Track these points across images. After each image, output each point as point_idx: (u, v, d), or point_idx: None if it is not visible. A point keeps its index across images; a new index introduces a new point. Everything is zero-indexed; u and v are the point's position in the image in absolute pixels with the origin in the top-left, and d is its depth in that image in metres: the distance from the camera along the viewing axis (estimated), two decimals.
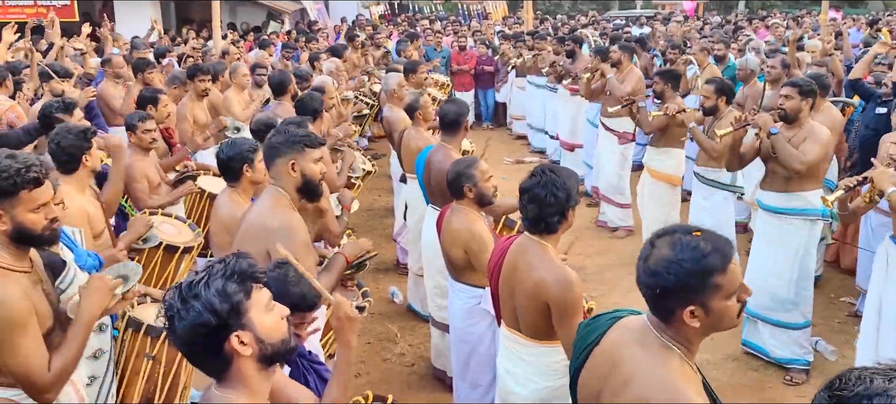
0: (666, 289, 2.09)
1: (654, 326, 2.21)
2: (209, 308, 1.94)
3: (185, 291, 1.97)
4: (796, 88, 5.18)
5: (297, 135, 3.48)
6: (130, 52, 10.59)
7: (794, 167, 5.11)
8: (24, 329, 2.71)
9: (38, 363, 2.74)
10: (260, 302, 2.03)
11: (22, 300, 2.72)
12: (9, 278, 2.74)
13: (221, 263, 2.03)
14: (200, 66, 7.58)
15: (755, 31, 15.80)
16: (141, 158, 5.42)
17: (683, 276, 2.07)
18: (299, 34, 15.90)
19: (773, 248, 5.43)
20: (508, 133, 14.27)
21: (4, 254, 2.78)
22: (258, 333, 2.00)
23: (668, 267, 2.08)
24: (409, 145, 6.16)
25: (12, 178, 2.72)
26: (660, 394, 2.08)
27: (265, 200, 3.50)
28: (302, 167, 3.45)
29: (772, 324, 5.47)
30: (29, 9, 17.03)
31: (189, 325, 1.94)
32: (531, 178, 3.38)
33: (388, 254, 7.91)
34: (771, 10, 27.77)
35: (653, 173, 7.26)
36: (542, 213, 3.32)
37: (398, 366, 5.79)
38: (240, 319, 1.97)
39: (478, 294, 4.37)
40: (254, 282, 2.03)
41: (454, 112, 5.18)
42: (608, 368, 2.28)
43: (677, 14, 21.99)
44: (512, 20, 21.53)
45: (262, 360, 2.03)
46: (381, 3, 24.06)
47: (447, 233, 4.40)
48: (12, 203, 2.74)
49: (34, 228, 2.79)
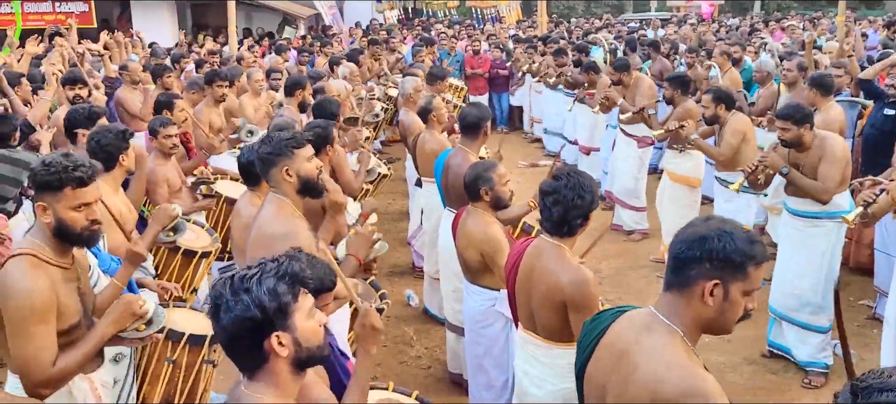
0: (709, 253, 2.15)
1: (661, 311, 2.26)
2: (257, 304, 1.99)
3: (237, 284, 2.02)
4: (790, 120, 5.14)
5: (283, 139, 3.50)
6: (150, 59, 10.69)
7: (821, 199, 5.09)
8: (42, 320, 2.81)
9: (45, 356, 2.83)
10: (304, 306, 2.08)
11: (47, 292, 2.82)
12: (40, 269, 2.84)
13: (275, 262, 2.08)
14: (218, 72, 7.63)
15: (771, 34, 15.74)
16: (162, 163, 5.49)
17: (730, 247, 2.14)
18: (314, 39, 15.98)
19: (797, 251, 5.41)
20: (523, 136, 14.27)
21: (46, 247, 2.90)
22: (298, 336, 2.05)
23: (721, 234, 2.15)
24: (424, 148, 6.18)
25: (58, 174, 2.84)
26: (670, 375, 2.13)
27: (268, 208, 3.53)
28: (296, 169, 3.47)
29: (797, 326, 5.44)
30: (48, 16, 17.21)
31: (235, 317, 1.99)
32: (557, 180, 3.39)
33: (404, 258, 7.93)
34: (787, 12, 27.65)
35: (672, 176, 7.24)
36: (568, 216, 3.35)
37: (414, 369, 5.80)
38: (284, 320, 2.03)
39: (492, 296, 4.39)
40: (302, 286, 2.09)
41: (475, 116, 5.20)
42: (615, 359, 2.31)
43: (692, 16, 21.93)
44: (526, 24, 21.53)
45: (295, 363, 2.08)
46: (395, 7, 24.12)
47: (462, 235, 4.42)
48: (57, 197, 2.86)
49: (74, 226, 2.89)
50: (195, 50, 14.18)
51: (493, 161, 4.56)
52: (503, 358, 4.45)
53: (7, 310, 2.82)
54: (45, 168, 2.86)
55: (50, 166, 2.85)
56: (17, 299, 2.78)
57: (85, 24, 16.89)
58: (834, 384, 5.33)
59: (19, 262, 2.84)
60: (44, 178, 2.85)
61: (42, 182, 2.86)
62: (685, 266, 2.19)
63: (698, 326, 2.25)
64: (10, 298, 2.80)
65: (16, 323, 2.80)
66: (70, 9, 17.77)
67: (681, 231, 2.26)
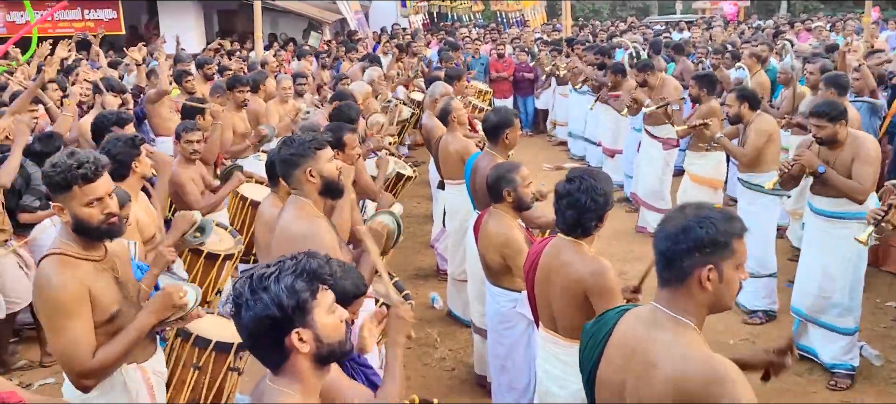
0: (697, 241, 2.21)
1: (664, 304, 2.31)
2: (276, 302, 2.01)
3: (256, 283, 2.05)
4: (824, 117, 5.12)
5: (305, 141, 3.58)
6: (174, 65, 10.83)
7: (858, 199, 5.05)
8: (71, 314, 2.90)
9: (83, 349, 2.92)
10: (324, 302, 2.10)
11: (75, 288, 2.91)
12: (68, 265, 2.94)
13: (293, 260, 2.10)
14: (239, 78, 7.77)
15: (797, 35, 15.58)
16: (186, 167, 5.59)
17: (713, 230, 2.21)
18: (340, 44, 16.09)
19: (823, 253, 5.37)
20: (548, 139, 14.26)
21: (73, 244, 2.99)
22: (318, 332, 2.08)
23: (701, 221, 2.23)
24: (447, 150, 6.22)
25: (64, 173, 2.93)
26: (690, 366, 2.17)
27: (289, 210, 3.59)
28: (318, 170, 3.54)
29: (823, 328, 5.40)
30: (78, 23, 17.48)
31: (255, 316, 2.02)
32: (570, 183, 3.42)
33: (428, 261, 7.97)
34: (813, 13, 27.35)
35: (693, 177, 7.22)
36: (582, 218, 3.38)
37: (438, 371, 5.83)
38: (303, 317, 2.05)
39: (514, 297, 4.41)
40: (321, 283, 2.10)
41: (493, 121, 5.24)
42: (627, 357, 2.35)
43: (717, 18, 21.76)
44: (549, 27, 21.49)
45: (317, 359, 2.11)
46: (420, 11, 24.19)
47: (484, 236, 4.45)
48: (68, 196, 2.96)
49: (90, 221, 2.98)
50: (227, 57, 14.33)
51: (516, 162, 4.57)
52: (526, 359, 4.46)
53: (40, 308, 2.97)
54: (52, 169, 2.95)
55: (56, 167, 2.95)
56: (46, 296, 2.91)
57: (113, 31, 17.18)
58: (860, 386, 5.29)
59: (49, 262, 2.96)
60: (53, 180, 2.95)
61: (52, 183, 2.97)
62: (677, 260, 2.25)
63: (703, 312, 2.30)
64: (40, 297, 2.95)
65: (48, 319, 2.94)
66: (99, 16, 18.05)
67: (660, 227, 2.32)
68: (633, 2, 37.63)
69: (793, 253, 7.51)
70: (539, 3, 26.10)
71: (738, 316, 6.39)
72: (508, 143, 5.24)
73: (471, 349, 5.87)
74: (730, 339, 6.02)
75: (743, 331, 6.15)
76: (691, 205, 2.33)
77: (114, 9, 18.33)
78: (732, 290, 2.28)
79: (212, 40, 19.12)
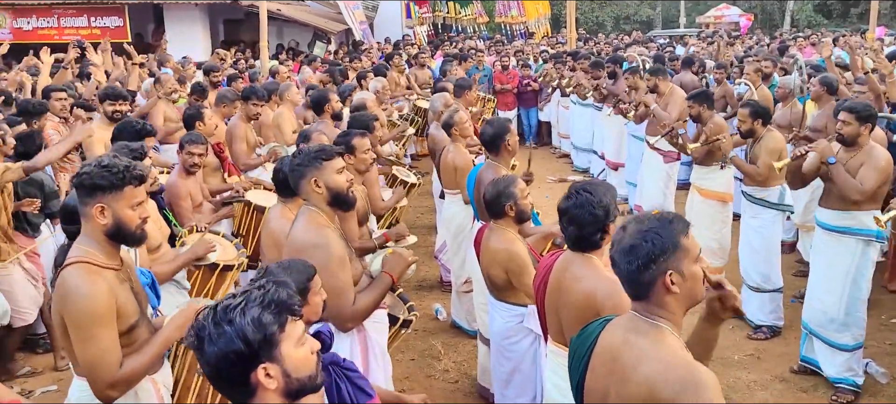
0: (647, 255, 2.29)
1: (641, 312, 2.37)
2: (241, 336, 1.89)
3: (220, 315, 1.92)
4: (854, 114, 5.13)
5: (312, 151, 3.57)
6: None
7: (852, 197, 5.06)
8: (104, 323, 2.86)
9: (111, 359, 2.88)
10: (293, 335, 1.97)
11: (107, 295, 2.87)
12: (98, 274, 2.89)
13: (260, 289, 1.98)
14: (255, 90, 7.62)
15: (801, 50, 15.60)
16: (185, 178, 5.56)
17: (657, 240, 2.29)
18: (345, 54, 16.14)
19: (826, 266, 5.37)
20: (551, 152, 14.27)
21: (97, 252, 2.94)
22: (286, 367, 1.94)
23: (644, 235, 2.31)
24: (447, 160, 6.24)
25: (122, 173, 2.91)
26: (666, 373, 2.21)
27: (301, 220, 3.58)
28: (325, 181, 3.53)
29: (824, 342, 5.39)
30: (84, 30, 17.58)
31: (218, 351, 1.90)
32: (567, 199, 3.40)
33: (432, 272, 7.96)
34: (817, 29, 27.38)
35: (702, 192, 7.18)
36: (583, 233, 3.35)
37: (442, 383, 5.81)
38: (270, 351, 1.92)
39: (519, 312, 4.38)
40: (290, 315, 1.97)
41: (490, 133, 5.25)
42: (609, 364, 2.40)
43: (721, 33, 21.76)
44: (554, 40, 21.52)
45: (287, 395, 1.97)
46: (425, 23, 24.25)
47: (487, 252, 4.42)
48: (116, 197, 2.92)
49: (130, 224, 2.95)
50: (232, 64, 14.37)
51: (512, 175, 4.55)
52: (532, 374, 4.43)
53: (70, 317, 2.87)
54: (105, 169, 2.90)
55: (110, 167, 2.90)
56: (79, 305, 2.84)
57: (119, 39, 17.24)
58: (866, 402, 5.26)
59: (76, 271, 2.88)
60: (107, 180, 2.89)
61: (104, 184, 2.89)
62: (638, 275, 2.32)
63: (679, 312, 2.36)
64: (71, 305, 2.85)
65: (80, 328, 2.85)
66: (105, 23, 18.15)
67: (611, 251, 2.41)
68: (636, 15, 37.75)
69: (799, 268, 7.50)
70: (543, 15, 26.15)
71: (743, 332, 6.37)
72: (510, 150, 5.26)
73: (474, 361, 5.85)
74: (735, 355, 6.00)
75: (748, 347, 6.13)
76: (630, 222, 2.40)
77: (120, 17, 18.44)
78: (698, 283, 2.35)
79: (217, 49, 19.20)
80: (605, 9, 37.26)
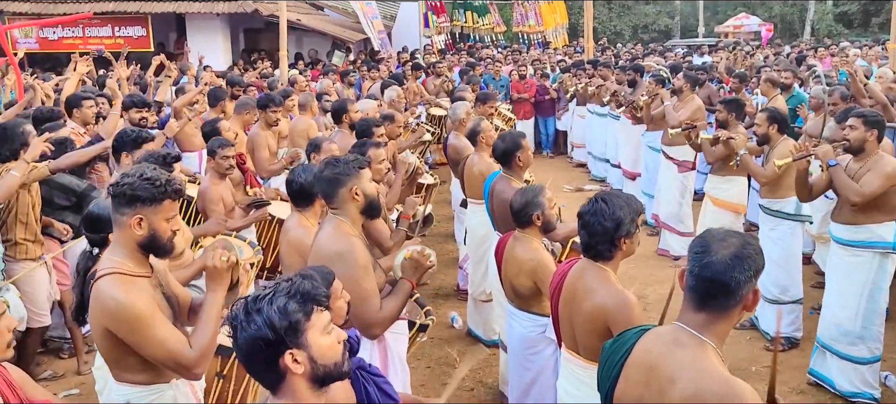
0: (754, 268, 2.29)
1: (689, 325, 2.34)
2: (268, 323, 2.04)
3: (251, 305, 2.08)
4: (861, 119, 5.12)
5: (350, 161, 3.65)
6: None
7: (850, 199, 5.05)
8: (153, 321, 2.90)
9: (178, 346, 2.94)
10: (319, 323, 2.11)
11: (145, 297, 2.93)
12: (133, 283, 2.94)
13: (288, 282, 2.13)
14: (273, 98, 7.74)
15: (820, 60, 15.52)
16: (217, 182, 5.67)
17: (758, 253, 2.32)
18: (363, 63, 16.24)
19: (840, 280, 5.34)
20: (568, 161, 14.28)
21: (128, 262, 2.98)
22: (312, 353, 2.08)
23: (746, 246, 2.32)
24: (472, 170, 6.28)
25: (163, 186, 2.96)
26: (708, 385, 2.21)
27: (326, 228, 3.65)
28: (363, 189, 3.61)
29: (838, 357, 5.36)
30: (108, 40, 17.84)
31: (249, 338, 2.05)
32: (587, 205, 3.44)
33: (449, 280, 7.99)
34: (837, 39, 27.20)
35: (715, 201, 7.19)
36: (591, 241, 3.38)
37: (458, 391, 5.82)
38: (296, 338, 2.06)
39: (543, 322, 4.37)
40: (315, 304, 2.11)
41: (502, 147, 5.33)
42: (645, 374, 2.38)
43: (741, 42, 21.70)
44: (571, 49, 21.53)
45: (313, 380, 2.12)
46: (442, 32, 24.31)
47: (512, 262, 4.44)
48: (155, 210, 2.97)
49: (164, 236, 3.00)
50: (251, 73, 14.50)
51: (540, 185, 4.59)
52: (551, 383, 4.44)
53: (119, 326, 2.89)
54: (148, 182, 2.94)
55: (152, 180, 2.94)
56: (124, 313, 2.86)
57: (142, 48, 17.49)
58: None
59: (109, 282, 2.90)
60: (148, 192, 2.93)
61: (145, 196, 2.93)
62: (737, 290, 2.28)
63: (726, 334, 2.36)
64: (116, 316, 2.88)
65: (134, 333, 2.89)
66: (128, 33, 18.42)
67: (710, 259, 2.29)
68: (654, 24, 37.65)
69: (817, 280, 7.47)
70: (561, 25, 26.14)
71: (760, 343, 6.35)
72: (522, 165, 5.30)
73: (490, 369, 5.88)
74: (752, 366, 5.99)
75: (765, 358, 6.11)
76: (730, 234, 2.36)
77: (143, 26, 18.70)
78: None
79: (237, 58, 19.42)
80: (624, 18, 37.19)
